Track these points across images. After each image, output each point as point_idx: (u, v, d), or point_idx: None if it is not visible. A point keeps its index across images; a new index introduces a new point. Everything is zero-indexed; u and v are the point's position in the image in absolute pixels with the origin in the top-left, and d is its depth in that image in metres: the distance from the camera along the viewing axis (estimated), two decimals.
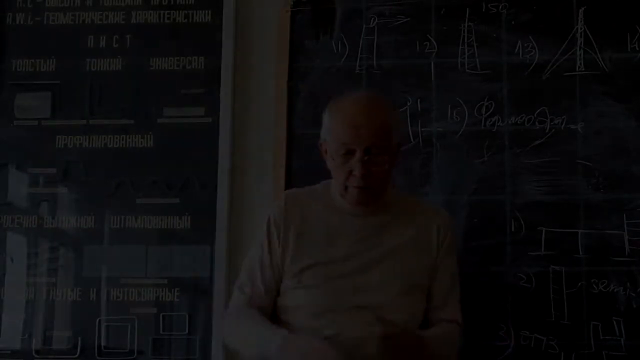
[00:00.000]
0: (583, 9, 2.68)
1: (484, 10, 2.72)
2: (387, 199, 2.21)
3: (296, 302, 2.16)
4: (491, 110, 2.67)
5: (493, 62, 2.70)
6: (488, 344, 2.55)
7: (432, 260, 2.19)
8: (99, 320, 2.72)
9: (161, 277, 2.73)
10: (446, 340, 2.15)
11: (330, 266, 2.13)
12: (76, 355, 2.71)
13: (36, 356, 2.72)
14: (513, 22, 2.71)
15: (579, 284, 2.56)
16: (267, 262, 2.20)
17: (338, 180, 2.15)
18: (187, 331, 2.69)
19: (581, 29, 2.67)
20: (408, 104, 2.70)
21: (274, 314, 2.21)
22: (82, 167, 2.80)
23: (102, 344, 2.70)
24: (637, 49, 2.65)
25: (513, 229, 2.60)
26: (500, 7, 2.72)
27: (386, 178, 2.17)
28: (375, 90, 2.56)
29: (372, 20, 2.76)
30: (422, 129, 2.69)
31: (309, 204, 2.22)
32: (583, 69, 2.66)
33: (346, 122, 2.10)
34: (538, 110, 2.66)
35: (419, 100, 2.70)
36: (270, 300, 2.20)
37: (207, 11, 2.85)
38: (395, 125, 2.17)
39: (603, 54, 2.66)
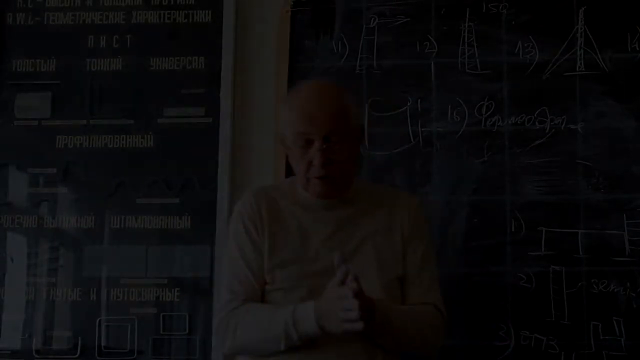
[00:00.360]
0: (583, 9, 2.68)
1: (484, 10, 2.73)
2: (354, 188, 2.15)
3: (274, 301, 2.07)
4: (491, 110, 2.68)
5: (493, 62, 2.70)
6: (488, 344, 2.55)
7: (403, 245, 2.11)
8: (99, 320, 2.72)
9: (161, 277, 2.72)
10: (415, 319, 2.03)
11: (304, 265, 2.06)
12: (76, 355, 2.71)
13: (36, 356, 2.72)
14: (513, 22, 2.71)
15: (579, 284, 2.56)
16: (249, 252, 2.10)
17: (299, 172, 2.09)
18: (187, 331, 2.69)
19: (581, 29, 2.68)
20: (408, 104, 2.70)
21: None
22: (82, 167, 2.80)
23: (102, 344, 2.70)
24: (637, 49, 2.65)
25: (513, 229, 2.60)
26: (500, 7, 2.72)
27: (349, 166, 2.10)
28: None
29: (372, 20, 2.76)
30: (422, 129, 2.69)
31: (276, 202, 2.14)
32: (583, 69, 2.66)
33: (301, 112, 2.05)
34: (538, 110, 2.66)
35: (419, 100, 2.70)
36: (262, 287, 2.10)
37: (207, 11, 2.85)
38: (353, 110, 2.11)
39: (603, 54, 2.66)
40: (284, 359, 1.99)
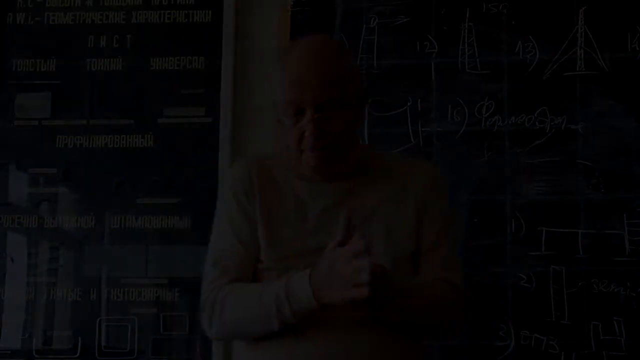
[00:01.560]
0: (583, 9, 2.68)
1: (484, 10, 2.73)
2: (358, 159, 1.90)
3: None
4: (491, 110, 2.67)
5: (493, 62, 2.70)
6: (488, 344, 2.55)
7: (417, 219, 1.86)
8: (99, 320, 2.72)
9: (161, 277, 2.72)
10: (427, 293, 1.80)
11: (300, 241, 1.82)
12: (76, 355, 2.71)
13: (36, 356, 2.72)
14: (513, 22, 2.71)
15: (579, 284, 2.56)
16: (240, 223, 1.87)
17: (291, 144, 1.83)
18: (187, 331, 2.69)
19: (581, 29, 2.68)
20: (408, 104, 2.70)
21: None
22: (82, 167, 2.80)
23: (102, 344, 2.70)
24: (637, 49, 2.65)
25: (513, 229, 2.60)
26: (500, 7, 2.72)
27: (348, 136, 1.83)
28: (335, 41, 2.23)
29: (372, 20, 2.76)
30: (422, 129, 2.69)
31: (270, 170, 1.90)
32: (583, 69, 2.66)
33: (290, 77, 1.79)
34: (538, 110, 2.66)
35: (419, 100, 2.70)
36: (253, 262, 1.86)
37: (207, 11, 2.85)
38: (352, 71, 1.86)
39: (603, 54, 2.66)
40: (280, 343, 1.77)
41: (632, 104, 2.62)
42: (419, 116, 2.69)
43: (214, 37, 2.82)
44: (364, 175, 1.89)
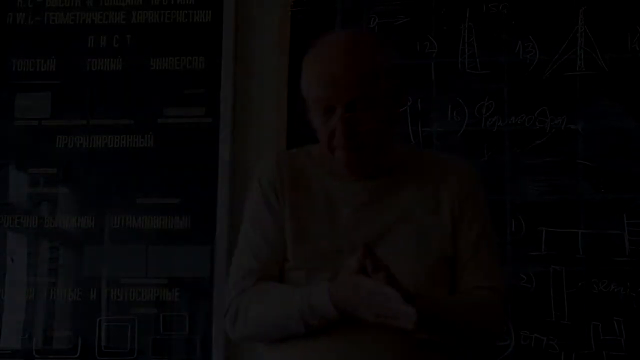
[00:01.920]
0: (583, 9, 2.68)
1: (484, 10, 2.73)
2: (394, 158, 1.83)
3: (296, 283, 1.78)
4: (491, 110, 2.68)
5: (493, 62, 2.70)
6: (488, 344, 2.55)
7: (453, 223, 1.79)
8: (99, 320, 2.72)
9: (161, 277, 2.72)
10: (469, 307, 1.74)
11: (330, 241, 1.75)
12: (76, 355, 2.71)
13: (36, 356, 2.72)
14: (513, 22, 2.71)
15: (579, 284, 2.56)
16: (268, 222, 1.81)
17: (322, 143, 1.77)
18: (187, 331, 2.69)
19: (581, 29, 2.68)
20: (408, 104, 2.70)
21: None
22: (82, 167, 2.80)
23: (102, 344, 2.70)
24: (637, 49, 2.65)
25: (513, 229, 2.60)
26: (500, 7, 2.72)
27: (382, 136, 1.76)
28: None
29: (372, 20, 2.76)
30: (422, 129, 2.69)
31: (301, 167, 1.84)
32: (583, 69, 2.66)
33: (321, 73, 1.72)
34: (538, 110, 2.66)
35: (419, 100, 2.70)
36: (280, 264, 1.80)
37: (207, 11, 2.85)
38: (387, 67, 1.77)
39: (603, 54, 2.66)
40: (295, 344, 1.73)
41: (632, 104, 2.62)
42: (419, 116, 2.69)
43: (214, 37, 2.82)
44: (398, 175, 1.82)
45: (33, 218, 2.79)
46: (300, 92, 1.80)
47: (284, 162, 1.85)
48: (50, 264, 2.76)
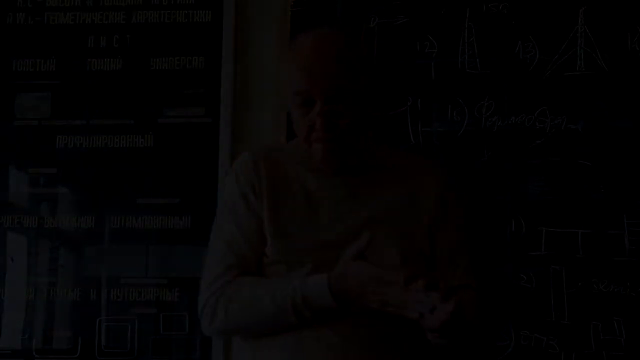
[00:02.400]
0: (583, 9, 2.68)
1: (484, 10, 2.72)
2: (370, 154, 1.86)
3: (276, 277, 1.77)
4: (491, 110, 2.67)
5: (493, 62, 2.69)
6: (488, 343, 2.55)
7: (429, 224, 1.81)
8: (99, 320, 2.72)
9: (161, 277, 2.72)
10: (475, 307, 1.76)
11: (310, 235, 1.76)
12: (76, 355, 2.71)
13: (36, 356, 2.72)
14: (513, 22, 2.71)
15: (579, 284, 2.56)
16: (245, 217, 1.81)
17: (300, 136, 1.79)
18: (187, 331, 2.69)
19: (581, 29, 2.67)
20: (408, 104, 2.70)
21: None
22: (82, 167, 2.80)
23: (102, 344, 2.70)
24: (637, 49, 2.65)
25: (513, 229, 2.60)
26: (500, 7, 2.72)
27: (358, 130, 1.79)
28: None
29: (372, 20, 2.76)
30: (422, 129, 2.69)
31: (279, 162, 1.85)
32: (583, 69, 2.66)
33: (300, 67, 1.74)
34: (538, 110, 2.66)
35: (419, 100, 2.70)
36: (258, 259, 1.80)
37: (207, 11, 2.85)
38: (364, 66, 1.80)
39: (603, 54, 2.65)
40: (283, 336, 1.74)
41: (632, 104, 2.62)
42: (419, 116, 2.69)
43: (214, 37, 2.82)
44: (376, 173, 1.85)
45: (33, 218, 2.79)
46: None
47: (260, 158, 1.85)
48: (50, 264, 2.76)
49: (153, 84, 2.82)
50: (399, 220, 1.79)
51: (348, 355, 1.71)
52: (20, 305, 2.74)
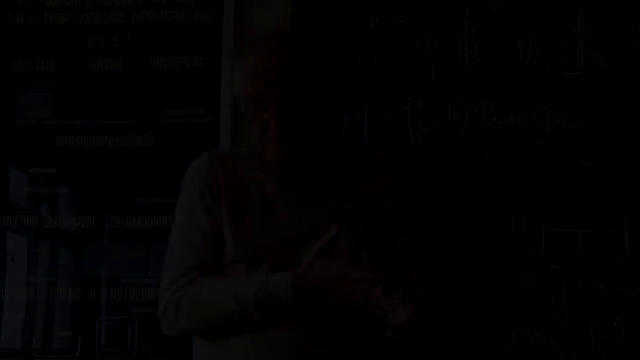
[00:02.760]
0: (583, 9, 2.68)
1: (484, 10, 2.72)
2: (324, 154, 1.91)
3: (235, 277, 1.82)
4: (491, 110, 2.68)
5: (493, 62, 2.70)
6: (488, 343, 2.55)
7: (387, 218, 1.87)
8: (99, 320, 2.72)
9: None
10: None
11: (268, 235, 1.80)
12: (76, 355, 2.71)
13: (36, 356, 2.72)
14: (513, 22, 2.71)
15: (579, 284, 2.56)
16: (203, 219, 1.85)
17: (255, 138, 1.85)
18: None
19: (581, 29, 2.67)
20: (408, 104, 2.70)
21: None
22: (82, 167, 2.80)
23: (102, 344, 2.70)
24: (637, 49, 2.65)
25: (513, 229, 2.60)
26: (500, 7, 2.72)
27: (312, 130, 1.84)
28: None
29: (372, 20, 2.76)
30: (422, 129, 2.69)
31: (234, 165, 1.91)
32: (583, 69, 2.66)
33: (251, 70, 1.80)
34: (538, 110, 2.66)
35: (419, 100, 2.70)
36: (217, 260, 1.85)
37: (207, 11, 2.85)
38: (316, 67, 1.85)
39: (603, 54, 2.65)
40: (248, 337, 1.77)
41: (632, 104, 2.62)
42: (419, 116, 2.69)
43: (214, 37, 2.82)
44: (331, 173, 1.89)
45: (33, 218, 2.79)
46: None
47: (216, 162, 1.91)
48: (50, 264, 2.76)
49: (153, 83, 2.82)
50: (354, 220, 1.83)
51: (310, 352, 1.74)
52: (20, 305, 2.74)
